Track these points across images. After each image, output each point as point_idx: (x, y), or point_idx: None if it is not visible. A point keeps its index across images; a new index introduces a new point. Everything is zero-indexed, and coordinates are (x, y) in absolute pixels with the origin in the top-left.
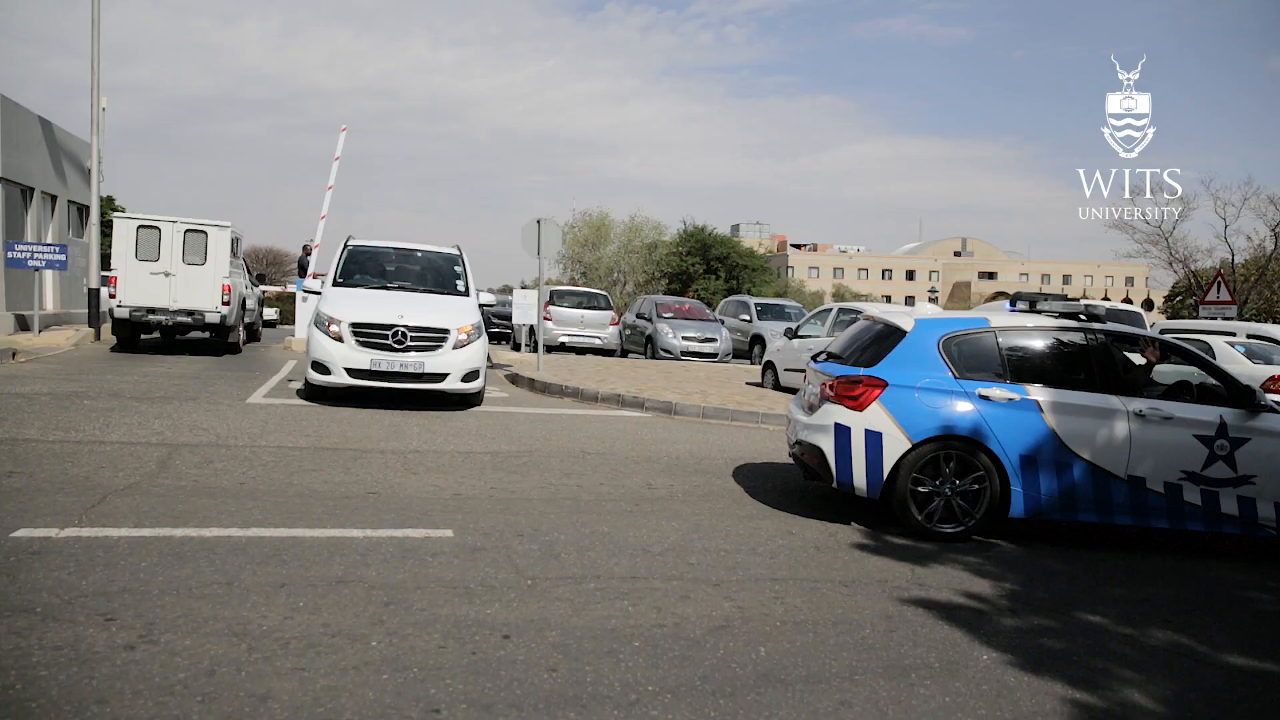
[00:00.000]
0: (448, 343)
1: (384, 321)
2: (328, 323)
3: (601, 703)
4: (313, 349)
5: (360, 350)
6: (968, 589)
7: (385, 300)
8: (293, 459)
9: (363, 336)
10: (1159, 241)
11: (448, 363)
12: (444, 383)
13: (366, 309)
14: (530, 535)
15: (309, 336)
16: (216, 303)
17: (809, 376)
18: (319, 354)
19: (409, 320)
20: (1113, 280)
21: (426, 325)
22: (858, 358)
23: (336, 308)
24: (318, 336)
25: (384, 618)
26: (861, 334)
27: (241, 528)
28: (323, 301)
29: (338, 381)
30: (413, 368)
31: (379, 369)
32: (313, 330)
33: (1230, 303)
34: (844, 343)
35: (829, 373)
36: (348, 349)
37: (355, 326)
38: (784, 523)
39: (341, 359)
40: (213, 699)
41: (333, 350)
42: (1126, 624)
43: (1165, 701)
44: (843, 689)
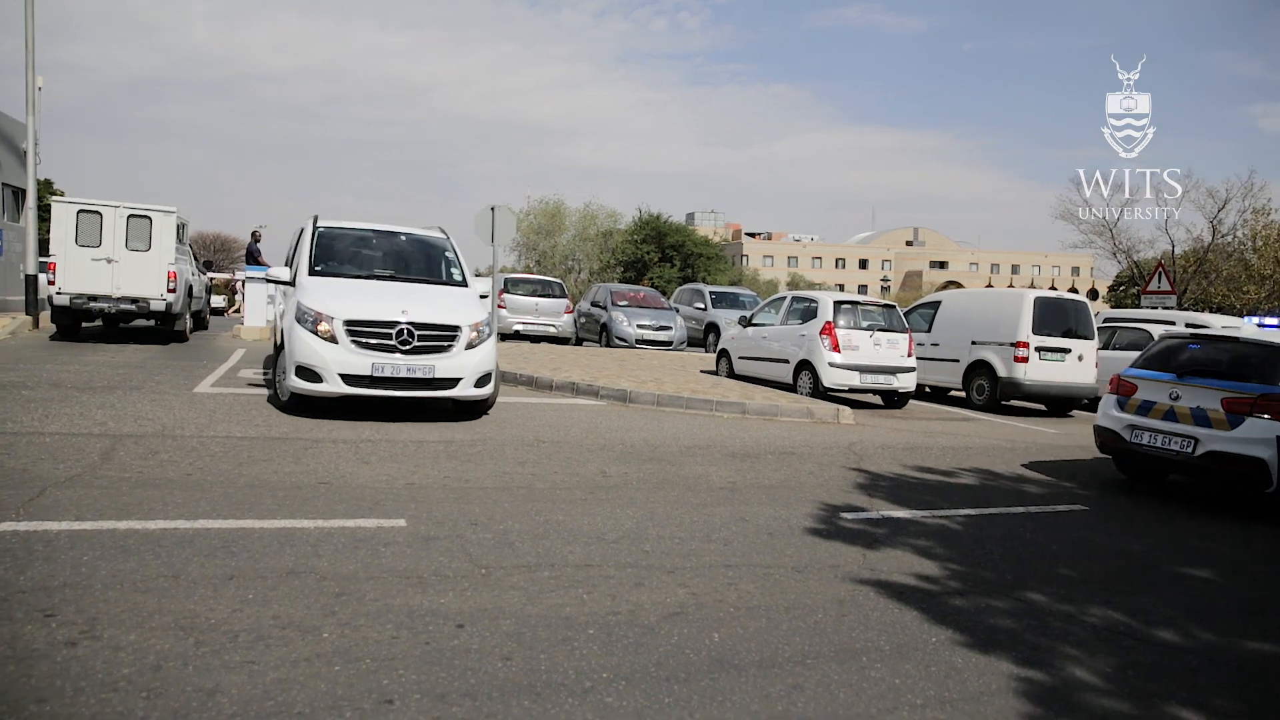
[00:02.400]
0: (459, 342)
1: (385, 318)
2: (315, 320)
3: (556, 691)
4: (297, 351)
5: (358, 353)
6: (917, 571)
7: (379, 293)
8: (242, 449)
9: (360, 337)
10: (1103, 232)
11: (460, 366)
12: (456, 389)
13: (361, 303)
14: (484, 524)
15: (289, 337)
16: (162, 290)
17: (1177, 392)
18: (306, 357)
19: (414, 316)
20: (1059, 270)
21: (435, 322)
22: (1248, 375)
23: (322, 301)
24: (302, 336)
25: (336, 609)
26: (1239, 352)
27: (188, 519)
28: (302, 293)
29: (330, 390)
30: (421, 373)
31: (382, 375)
32: (295, 329)
33: (1170, 292)
34: (1207, 360)
35: (1238, 390)
36: (343, 351)
37: (351, 325)
38: (738, 509)
39: (336, 363)
40: (158, 694)
41: (325, 353)
42: (1069, 603)
43: (1105, 677)
44: (795, 673)
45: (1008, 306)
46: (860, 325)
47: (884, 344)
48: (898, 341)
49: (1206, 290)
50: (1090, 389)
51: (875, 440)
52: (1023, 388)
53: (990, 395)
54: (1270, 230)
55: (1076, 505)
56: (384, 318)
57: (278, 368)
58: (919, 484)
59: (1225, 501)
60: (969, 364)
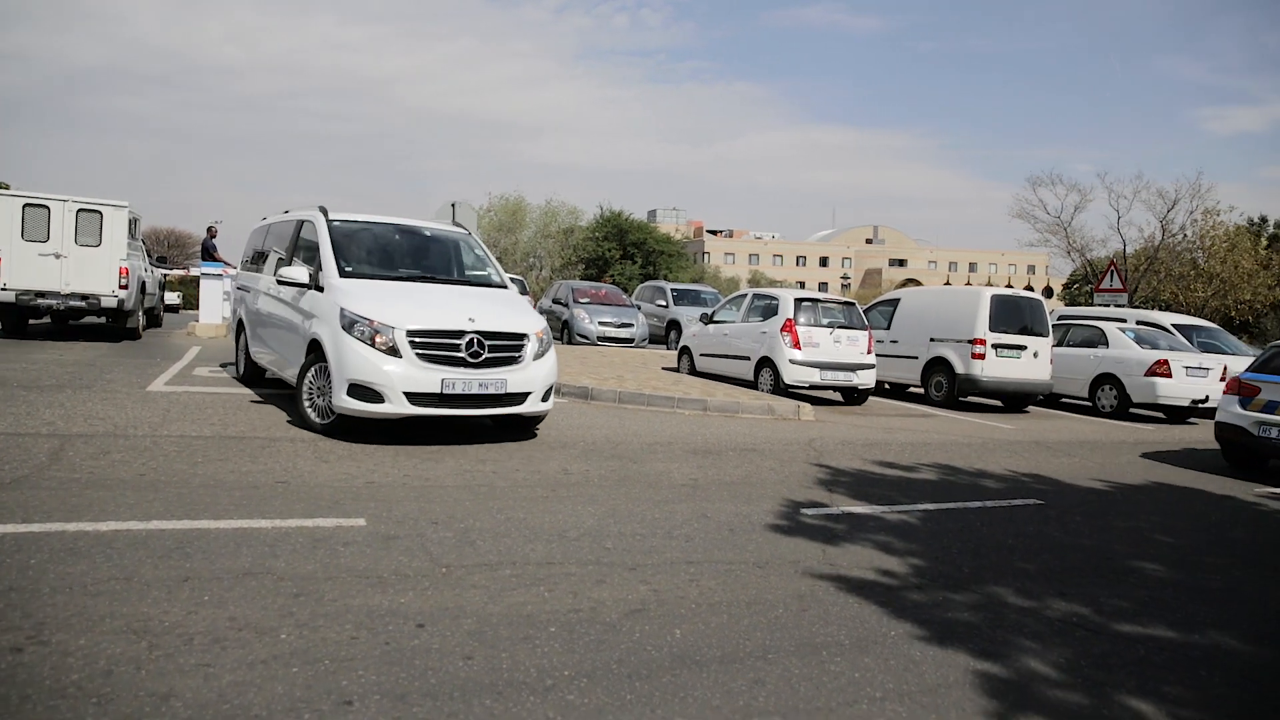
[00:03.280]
0: (528, 352)
1: (452, 327)
2: (370, 330)
3: (518, 689)
4: (351, 367)
5: (425, 368)
6: (877, 566)
7: (434, 298)
8: (197, 448)
9: (425, 349)
10: (1058, 231)
11: (530, 379)
12: (524, 404)
13: (419, 311)
14: (445, 522)
15: (336, 349)
16: (113, 286)
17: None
18: (364, 374)
19: (481, 325)
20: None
21: (504, 331)
22: None
23: (373, 308)
24: (356, 349)
25: (293, 609)
26: None
27: (141, 521)
28: (342, 298)
29: (392, 412)
30: (494, 388)
31: (452, 392)
32: (345, 341)
33: (1122, 290)
34: None
35: None
36: (408, 366)
37: (415, 335)
38: (699, 506)
39: (402, 380)
40: (109, 700)
41: (388, 369)
42: (1025, 595)
43: (1059, 668)
44: (756, 668)
45: (965, 304)
46: (820, 323)
47: (844, 341)
48: (857, 339)
49: (1157, 289)
50: (1045, 385)
51: (835, 436)
52: (980, 384)
53: (948, 392)
54: (1218, 230)
55: (1032, 500)
56: (451, 327)
57: (236, 361)
58: (879, 479)
59: (1181, 496)
60: (927, 361)
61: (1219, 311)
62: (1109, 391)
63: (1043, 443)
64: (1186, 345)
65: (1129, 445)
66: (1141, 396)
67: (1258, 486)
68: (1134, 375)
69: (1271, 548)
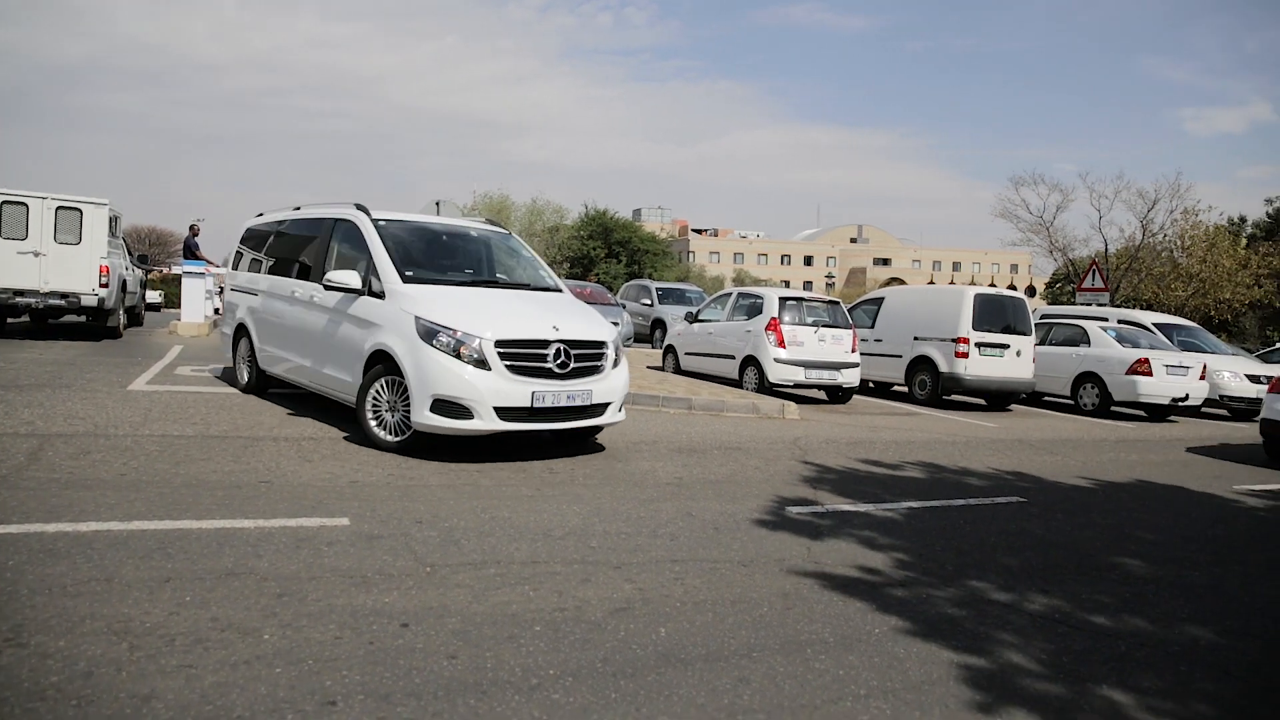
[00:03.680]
0: (608, 360)
1: (539, 336)
2: (455, 341)
3: (502, 688)
4: (437, 380)
5: (515, 380)
6: (861, 563)
7: (506, 304)
8: (179, 448)
9: (514, 360)
10: (1041, 230)
11: (611, 388)
12: (605, 415)
13: (500, 319)
14: (429, 522)
15: (415, 362)
16: (93, 284)
17: None
18: (453, 388)
19: (565, 333)
20: (998, 267)
21: (587, 339)
22: None
23: (452, 316)
24: (440, 361)
25: (277, 610)
26: None
27: (122, 521)
28: (413, 305)
29: (481, 428)
30: (580, 400)
31: (542, 406)
32: (426, 352)
33: (1103, 290)
34: None
35: None
36: (498, 379)
37: (503, 345)
38: (684, 504)
39: (493, 395)
40: (90, 702)
41: (478, 383)
42: (1008, 591)
43: (1041, 662)
44: (741, 666)
45: (949, 303)
46: (805, 321)
47: (828, 340)
48: (842, 337)
49: (1137, 288)
50: (1028, 383)
51: (820, 435)
52: (964, 383)
53: (932, 390)
54: (1197, 230)
55: (1015, 497)
56: (538, 336)
57: (238, 366)
58: (863, 477)
59: (1162, 493)
60: (911, 359)
61: (1199, 310)
62: (1091, 390)
63: (1025, 441)
64: (1167, 344)
65: (1111, 443)
66: (1123, 395)
67: (1237, 484)
68: (1115, 374)
69: (1251, 543)
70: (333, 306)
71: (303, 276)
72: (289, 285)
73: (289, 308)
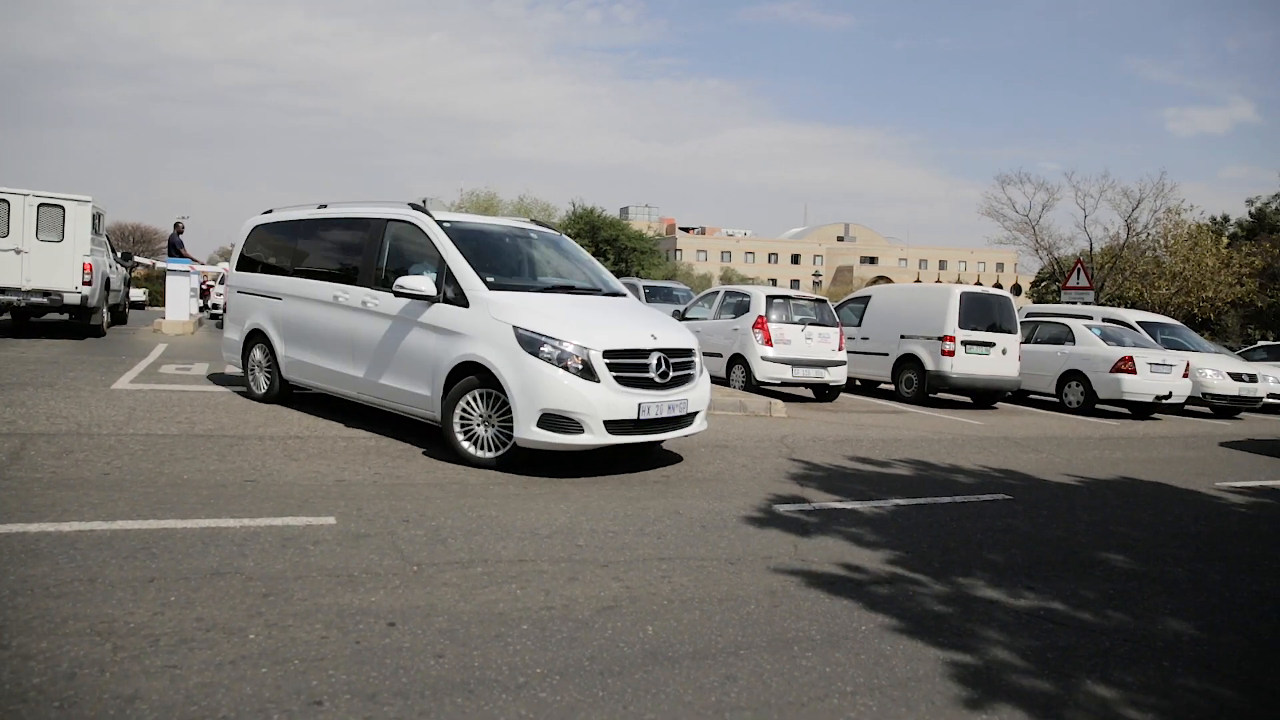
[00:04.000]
0: (697, 368)
1: (641, 346)
2: (562, 351)
3: (489, 687)
4: (548, 394)
5: (623, 392)
6: (848, 561)
7: (597, 312)
8: (163, 447)
9: (621, 371)
10: (1026, 229)
11: (701, 396)
12: (694, 424)
13: (600, 328)
14: (416, 520)
15: (523, 374)
16: (76, 282)
17: None
18: (565, 402)
19: (662, 341)
20: (984, 266)
21: (682, 347)
22: None
23: (549, 325)
24: (549, 373)
25: (262, 609)
26: None
27: (106, 521)
28: (504, 312)
29: (590, 443)
30: (678, 409)
31: (647, 418)
32: (532, 364)
33: (1088, 288)
34: None
35: None
36: (607, 392)
37: (610, 355)
38: (671, 503)
39: (604, 408)
40: (72, 703)
41: (590, 396)
42: (993, 588)
43: (1026, 658)
44: (728, 664)
45: (935, 301)
46: (792, 319)
47: (815, 338)
48: (829, 335)
49: (1122, 286)
50: (1014, 381)
51: (807, 433)
52: (950, 380)
53: (918, 388)
54: (1180, 229)
55: (1001, 495)
56: (640, 345)
57: (266, 367)
58: (850, 475)
59: (1145, 490)
60: (898, 357)
61: (1182, 309)
62: (1076, 388)
63: (1011, 438)
64: (1151, 342)
65: (1095, 441)
66: (1107, 393)
67: (1219, 480)
68: (1100, 372)
69: (1232, 539)
70: (397, 314)
71: (345, 280)
72: (327, 289)
73: (329, 313)
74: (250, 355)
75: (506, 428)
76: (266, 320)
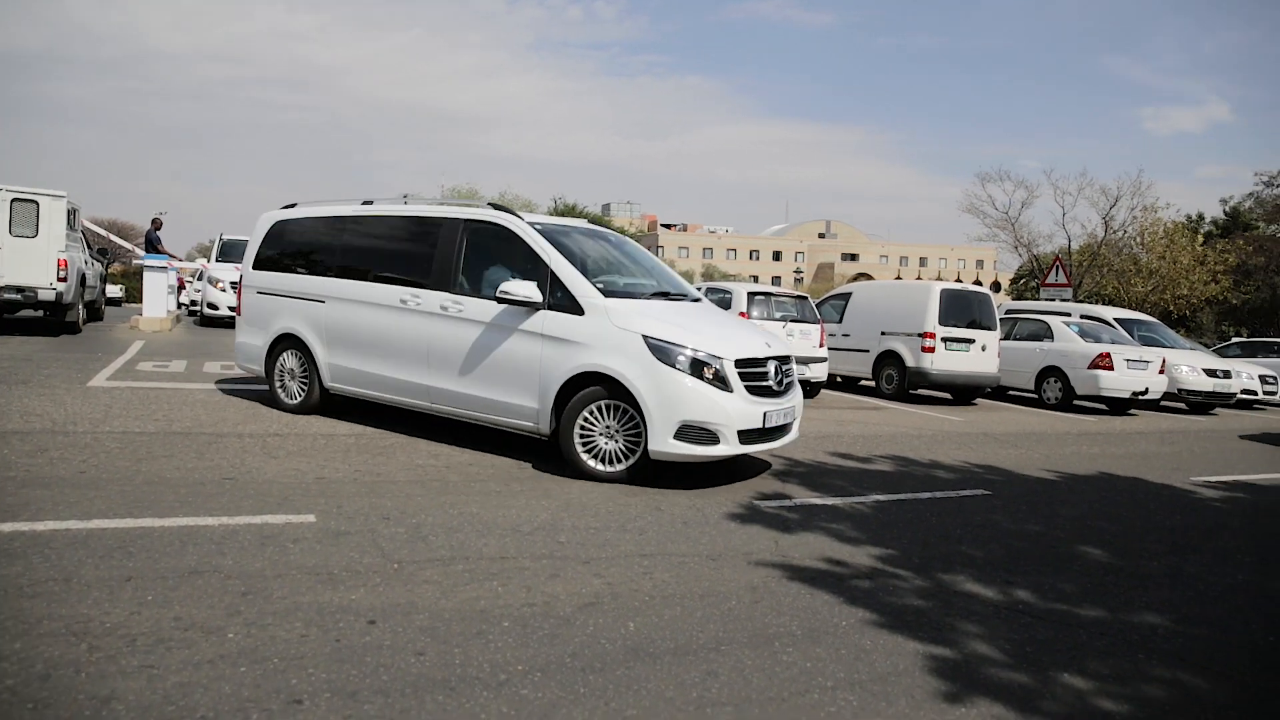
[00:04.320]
0: (795, 374)
1: (762, 354)
2: (696, 361)
3: (471, 684)
4: (688, 405)
5: (753, 401)
6: (829, 556)
7: (706, 320)
8: (140, 445)
9: (748, 379)
10: (1006, 226)
11: (799, 405)
12: (793, 432)
13: (720, 338)
14: (397, 518)
15: (660, 384)
16: (51, 278)
17: None
18: (706, 413)
19: (775, 349)
20: (964, 263)
21: (787, 354)
22: None
23: (676, 333)
24: (688, 384)
25: (241, 608)
26: None
27: (81, 520)
28: (627, 320)
29: (724, 453)
30: (789, 417)
31: (770, 425)
32: (669, 375)
33: (1067, 285)
34: None
35: None
36: (740, 401)
37: (740, 365)
38: (652, 499)
39: (739, 418)
40: (46, 705)
41: (728, 406)
42: (973, 582)
43: (1005, 651)
44: (709, 659)
45: (915, 298)
46: (773, 316)
47: (796, 335)
48: (810, 332)
49: (1100, 283)
50: (993, 378)
51: None
52: (930, 377)
53: (899, 384)
54: (1157, 228)
55: (981, 490)
56: (760, 354)
57: (311, 376)
58: (831, 471)
59: (1123, 485)
60: (878, 354)
61: (1158, 306)
62: (1054, 384)
63: (990, 434)
64: (1128, 339)
65: (1073, 436)
66: (1085, 389)
67: (1194, 475)
68: (1078, 368)
69: (1206, 533)
70: (490, 321)
71: (412, 283)
72: (391, 292)
73: (394, 318)
74: (278, 362)
75: (631, 440)
76: (302, 324)
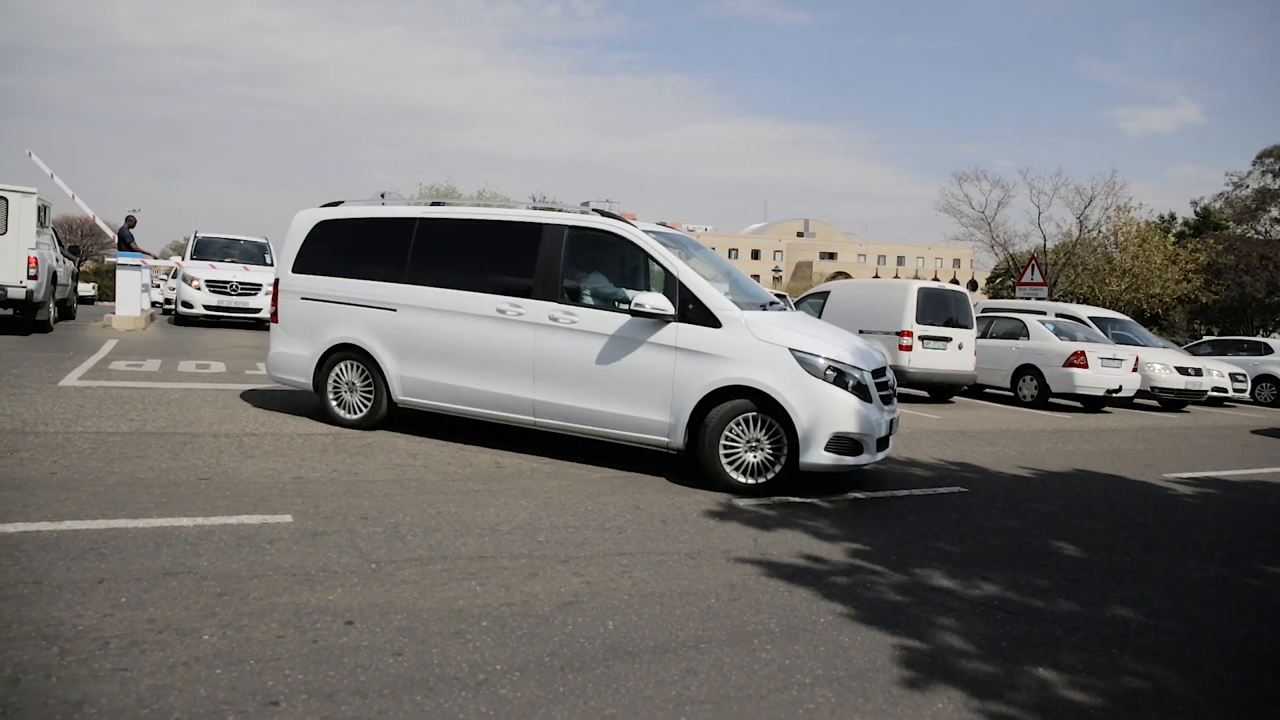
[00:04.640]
0: None
1: (880, 365)
2: (840, 373)
3: (449, 684)
4: (838, 416)
5: (883, 410)
6: (807, 553)
7: (826, 329)
8: (113, 445)
9: (880, 390)
10: (982, 225)
11: None
12: (894, 440)
13: (855, 350)
14: (374, 518)
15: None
16: (21, 276)
17: None
18: (854, 423)
19: (882, 359)
20: (941, 262)
21: (887, 364)
22: None
23: (814, 344)
24: (839, 396)
25: (217, 609)
26: None
27: (52, 521)
28: (769, 332)
29: (866, 462)
30: (896, 425)
31: (885, 434)
32: (823, 389)
33: (1042, 284)
34: None
35: None
36: (877, 411)
37: (874, 375)
38: (631, 498)
39: (878, 427)
40: (17, 710)
41: (871, 417)
42: (949, 579)
43: (980, 646)
44: (688, 657)
45: (893, 297)
46: None
47: None
48: None
49: (1075, 282)
50: (970, 376)
51: None
52: (907, 375)
53: None
54: (1130, 227)
55: (957, 487)
56: (883, 363)
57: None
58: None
59: (1097, 481)
60: None
61: (1131, 304)
62: (1030, 382)
63: (967, 432)
64: (1102, 337)
65: (1049, 434)
66: (1060, 386)
67: (1166, 472)
68: (1053, 366)
69: (1178, 529)
70: (614, 333)
71: (508, 291)
72: (484, 301)
73: (490, 329)
74: (332, 374)
75: (774, 452)
76: (366, 334)
